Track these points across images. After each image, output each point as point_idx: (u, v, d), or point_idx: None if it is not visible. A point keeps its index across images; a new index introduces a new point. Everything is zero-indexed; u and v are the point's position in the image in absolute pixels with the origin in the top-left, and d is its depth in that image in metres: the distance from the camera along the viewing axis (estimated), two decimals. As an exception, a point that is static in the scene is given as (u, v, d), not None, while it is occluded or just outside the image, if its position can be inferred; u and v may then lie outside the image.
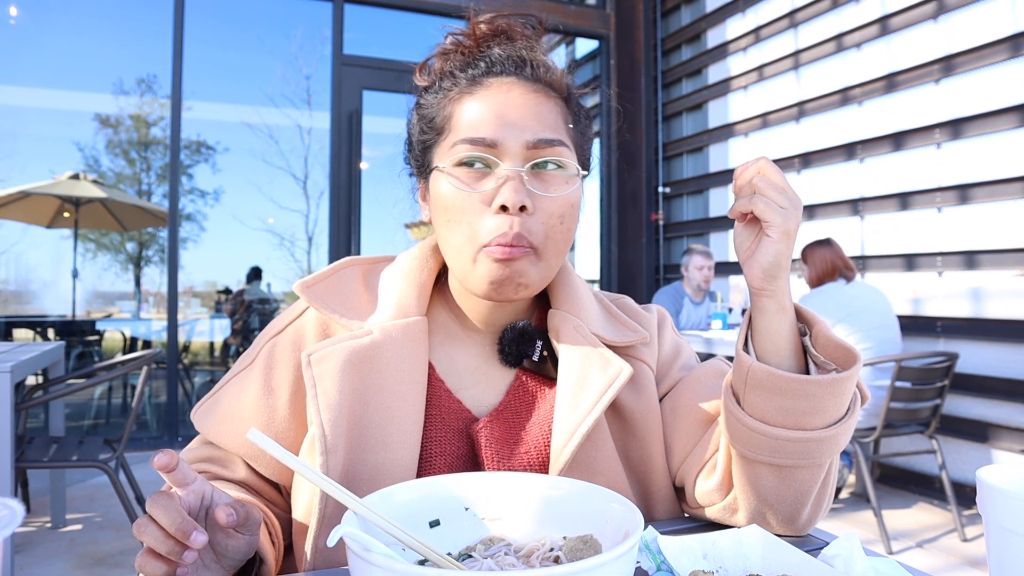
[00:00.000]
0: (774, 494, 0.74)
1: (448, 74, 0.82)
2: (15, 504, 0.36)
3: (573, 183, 0.79)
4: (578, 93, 0.86)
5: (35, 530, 3.04)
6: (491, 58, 0.81)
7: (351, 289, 0.86)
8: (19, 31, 5.13)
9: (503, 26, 0.84)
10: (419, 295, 0.84)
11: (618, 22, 5.81)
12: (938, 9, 3.61)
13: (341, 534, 0.49)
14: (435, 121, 0.82)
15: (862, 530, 3.14)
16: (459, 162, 0.77)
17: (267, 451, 0.54)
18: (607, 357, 0.82)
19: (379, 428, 0.76)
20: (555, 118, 0.80)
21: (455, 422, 0.82)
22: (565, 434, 0.77)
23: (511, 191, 0.74)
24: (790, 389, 0.69)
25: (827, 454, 0.72)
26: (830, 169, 4.29)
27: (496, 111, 0.77)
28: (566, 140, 0.80)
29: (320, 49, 5.32)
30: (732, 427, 0.74)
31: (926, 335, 3.63)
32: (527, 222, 0.75)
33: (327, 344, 0.78)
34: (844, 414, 0.71)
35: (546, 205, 0.77)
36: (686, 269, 4.48)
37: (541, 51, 0.84)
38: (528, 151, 0.76)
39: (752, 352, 0.74)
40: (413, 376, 0.79)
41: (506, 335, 0.85)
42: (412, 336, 0.81)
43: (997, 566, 0.55)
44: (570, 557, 0.57)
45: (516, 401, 0.85)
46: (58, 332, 5.70)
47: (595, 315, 0.87)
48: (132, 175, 6.14)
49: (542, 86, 0.80)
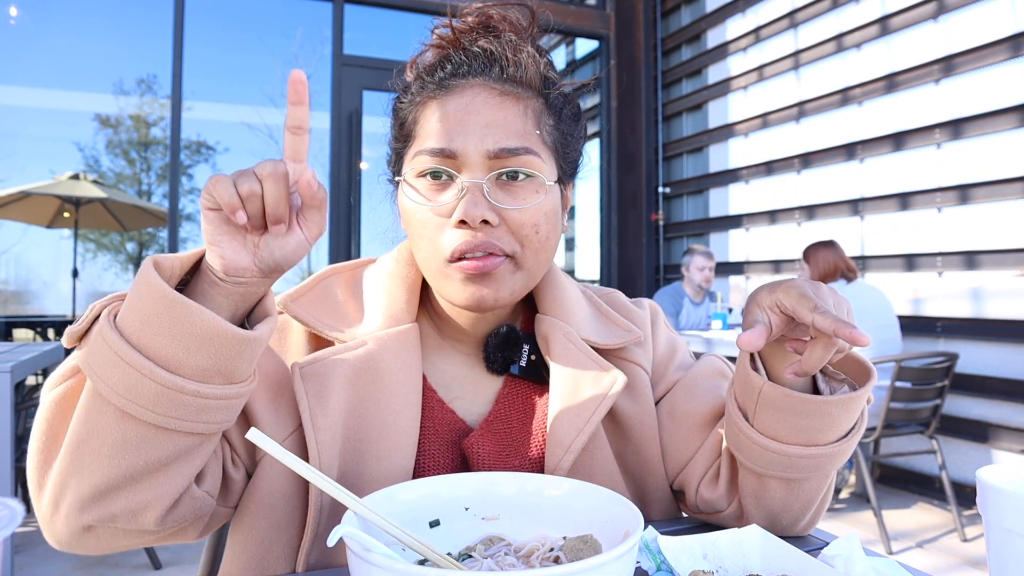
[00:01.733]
0: (781, 505, 0.74)
1: (419, 75, 0.78)
2: (15, 504, 0.36)
3: (545, 191, 0.74)
4: (562, 87, 0.79)
5: (35, 530, 3.04)
6: (459, 59, 0.76)
7: (337, 299, 0.81)
8: (19, 31, 5.13)
9: (491, 18, 0.78)
10: (409, 300, 0.81)
11: (618, 22, 5.81)
12: (938, 9, 3.61)
13: (341, 534, 0.49)
14: (404, 126, 0.78)
15: (862, 530, 3.14)
16: (420, 173, 0.74)
17: (267, 451, 0.53)
18: (600, 367, 0.79)
19: (374, 442, 0.73)
20: (523, 123, 0.74)
21: (448, 433, 0.79)
22: (560, 450, 0.75)
23: (470, 204, 0.70)
24: (806, 410, 0.66)
25: (837, 465, 0.71)
26: (830, 169, 4.29)
27: (457, 118, 0.72)
28: (535, 146, 0.74)
29: (320, 49, 5.33)
30: (741, 444, 0.71)
31: (926, 335, 3.63)
32: (494, 233, 0.72)
33: (319, 357, 0.74)
34: (855, 424, 0.70)
35: (514, 216, 0.72)
36: (687, 269, 4.48)
37: (530, 44, 0.78)
38: (490, 161, 0.72)
39: (761, 369, 0.70)
40: (408, 387, 0.76)
41: (490, 342, 0.82)
42: (406, 345, 0.77)
43: (997, 566, 0.55)
44: (570, 557, 0.57)
45: (507, 410, 0.82)
46: (58, 332, 5.70)
47: (585, 318, 0.84)
48: (132, 175, 6.14)
49: (511, 86, 0.75)
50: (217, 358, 0.56)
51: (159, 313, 0.55)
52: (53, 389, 0.62)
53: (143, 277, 0.55)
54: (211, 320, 0.55)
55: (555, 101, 0.79)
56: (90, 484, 0.58)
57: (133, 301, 0.56)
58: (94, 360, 0.56)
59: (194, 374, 0.56)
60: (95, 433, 0.57)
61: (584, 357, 0.79)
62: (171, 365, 0.55)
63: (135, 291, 0.56)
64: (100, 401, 0.57)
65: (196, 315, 0.55)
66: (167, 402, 0.56)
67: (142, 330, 0.55)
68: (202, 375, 0.57)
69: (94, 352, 0.56)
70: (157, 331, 0.55)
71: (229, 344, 0.56)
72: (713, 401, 0.82)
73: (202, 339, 0.55)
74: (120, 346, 0.55)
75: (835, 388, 0.71)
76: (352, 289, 0.83)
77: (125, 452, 0.57)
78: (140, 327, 0.55)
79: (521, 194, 0.73)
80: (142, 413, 0.56)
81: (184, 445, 0.59)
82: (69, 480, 0.59)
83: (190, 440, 0.60)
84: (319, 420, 0.71)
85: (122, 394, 0.55)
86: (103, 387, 0.56)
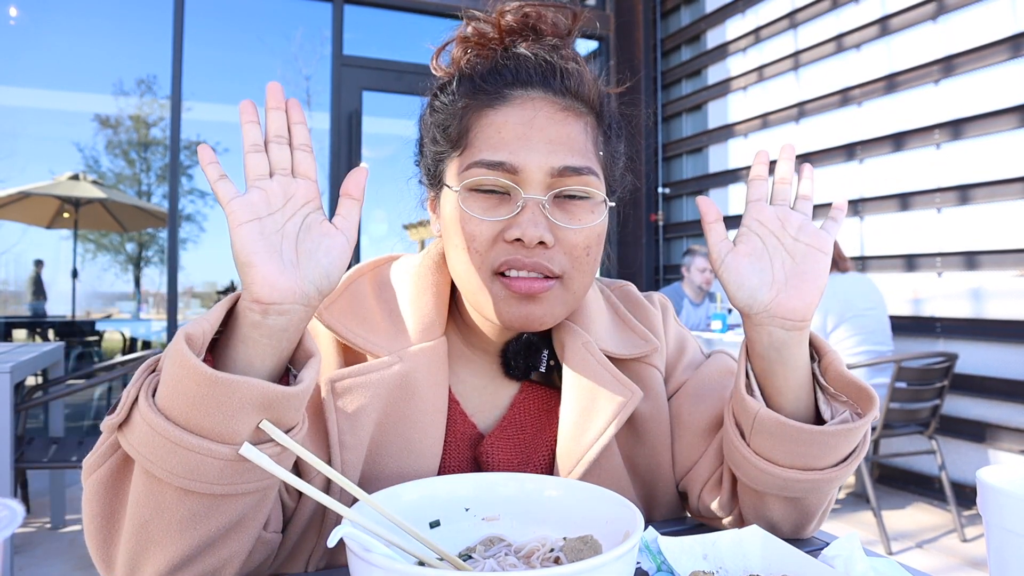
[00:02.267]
0: (781, 517, 0.73)
1: (467, 77, 0.74)
2: (15, 504, 0.36)
3: (600, 212, 0.72)
4: (610, 101, 0.78)
5: (35, 531, 3.04)
6: (516, 66, 0.72)
7: (366, 306, 0.78)
8: (19, 31, 5.13)
9: (531, 18, 0.75)
10: (439, 311, 0.78)
11: (618, 23, 5.81)
12: (938, 10, 3.61)
13: (341, 534, 0.49)
14: (450, 131, 0.74)
15: (862, 530, 3.14)
16: (475, 186, 0.70)
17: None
18: (618, 380, 0.77)
19: (395, 459, 0.72)
20: (584, 141, 0.72)
21: (467, 448, 0.79)
22: (571, 461, 0.74)
23: (530, 224, 0.67)
24: (802, 438, 0.65)
25: (837, 485, 0.70)
26: (830, 169, 4.28)
27: (518, 132, 0.69)
28: (595, 166, 0.72)
29: (320, 49, 5.33)
30: (738, 462, 0.71)
31: (926, 335, 3.63)
32: (547, 254, 0.69)
33: (352, 373, 0.72)
34: (854, 449, 0.68)
35: (569, 237, 0.70)
36: (687, 270, 4.48)
37: (572, 50, 0.75)
38: (552, 179, 0.69)
39: (756, 391, 0.69)
40: (436, 404, 0.75)
41: (511, 348, 0.81)
42: (436, 360, 0.75)
43: (997, 566, 0.55)
44: (570, 557, 0.57)
45: (521, 416, 0.82)
46: (58, 332, 5.70)
47: (604, 326, 0.83)
48: (132, 176, 6.14)
49: (572, 101, 0.72)
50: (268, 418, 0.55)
51: (204, 395, 0.52)
52: (96, 471, 0.59)
53: (179, 358, 0.52)
54: (257, 388, 0.53)
55: (607, 118, 0.77)
56: (165, 559, 0.56)
57: (173, 384, 0.53)
58: (145, 448, 0.53)
59: (249, 438, 0.54)
60: (159, 512, 0.55)
61: (602, 370, 0.78)
62: (227, 438, 0.53)
63: (172, 372, 0.53)
64: (157, 483, 0.54)
65: (242, 388, 0.52)
66: (231, 473, 0.54)
67: (190, 412, 0.52)
68: (257, 436, 0.55)
69: (143, 441, 0.53)
70: (206, 411, 0.52)
71: (279, 403, 0.54)
72: (719, 405, 0.81)
73: (252, 407, 0.53)
74: (172, 432, 0.52)
75: (837, 410, 0.69)
76: (379, 291, 0.80)
77: (196, 524, 0.56)
78: (187, 409, 0.52)
79: (578, 213, 0.71)
80: (207, 488, 0.54)
81: (251, 501, 0.58)
82: (141, 557, 0.57)
83: (256, 495, 0.58)
84: (347, 438, 0.70)
85: (183, 475, 0.53)
86: (159, 471, 0.53)
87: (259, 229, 0.55)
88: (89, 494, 0.59)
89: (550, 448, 0.81)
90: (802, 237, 0.67)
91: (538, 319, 0.72)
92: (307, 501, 0.71)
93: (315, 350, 0.60)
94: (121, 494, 0.58)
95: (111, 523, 0.59)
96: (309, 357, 0.59)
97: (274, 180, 0.57)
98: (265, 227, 0.55)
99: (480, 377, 0.83)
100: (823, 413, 0.70)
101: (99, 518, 0.59)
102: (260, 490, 0.58)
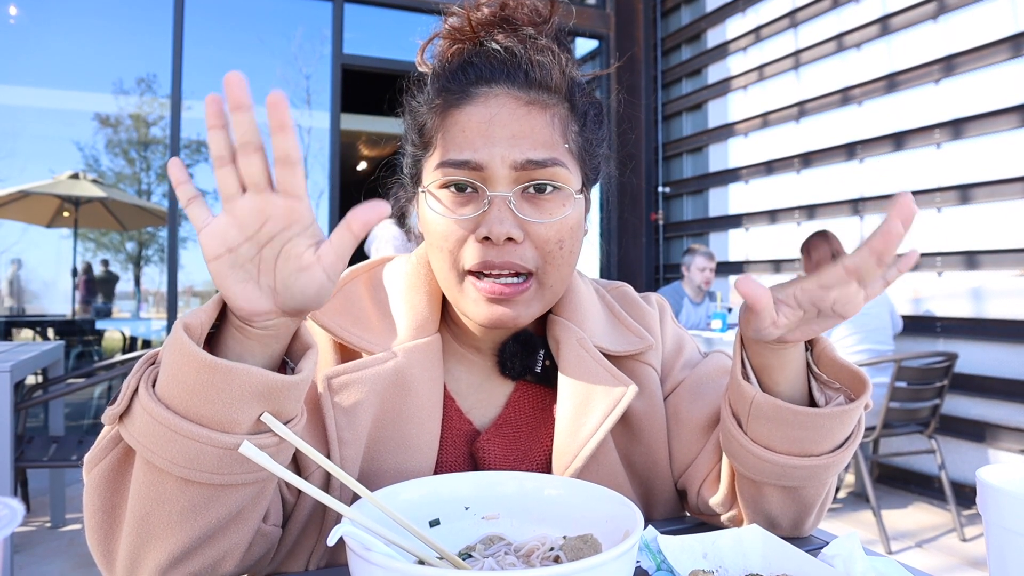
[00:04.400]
0: (779, 510, 0.73)
1: (438, 76, 0.75)
2: (15, 504, 0.36)
3: (571, 204, 0.72)
4: (585, 88, 0.77)
5: (35, 530, 3.04)
6: (480, 63, 0.73)
7: (361, 306, 0.79)
8: (19, 31, 5.12)
9: (508, 8, 0.75)
10: (431, 309, 0.79)
11: (618, 22, 5.81)
12: (938, 9, 3.61)
13: (341, 533, 0.49)
14: (424, 131, 0.76)
15: (862, 530, 3.14)
16: (442, 184, 0.71)
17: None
18: (612, 376, 0.78)
19: (393, 456, 0.73)
20: (550, 132, 0.71)
21: (463, 444, 0.80)
22: (567, 458, 0.75)
23: (496, 221, 0.68)
24: (798, 421, 0.66)
25: (833, 473, 0.70)
26: (830, 169, 4.29)
27: (481, 129, 0.70)
28: (562, 157, 0.72)
29: (320, 49, 5.32)
30: (735, 450, 0.71)
31: (926, 335, 3.63)
32: (517, 251, 0.70)
33: (348, 369, 0.73)
34: (850, 435, 0.69)
35: (539, 231, 0.70)
36: (687, 269, 4.48)
37: (548, 40, 0.75)
38: (516, 172, 0.69)
39: (753, 379, 0.69)
40: (431, 400, 0.76)
41: (507, 348, 0.81)
42: (430, 357, 0.76)
43: (997, 566, 0.55)
44: (570, 557, 0.57)
45: (517, 414, 0.82)
46: (58, 332, 5.70)
47: (599, 323, 0.83)
48: (132, 175, 6.13)
49: (537, 92, 0.72)
50: (268, 409, 0.55)
51: (203, 381, 0.52)
52: (97, 465, 0.59)
53: (177, 346, 0.52)
54: (256, 376, 0.53)
55: (580, 106, 0.76)
56: (166, 551, 0.57)
57: (173, 371, 0.53)
58: (146, 438, 0.54)
59: (249, 429, 0.54)
60: (160, 504, 0.56)
61: (596, 366, 0.78)
62: (226, 426, 0.53)
63: (172, 360, 0.53)
64: (158, 473, 0.55)
65: (241, 375, 0.52)
66: (230, 462, 0.54)
67: (189, 400, 0.53)
68: (256, 427, 0.55)
69: (144, 431, 0.54)
70: (205, 399, 0.52)
71: (278, 392, 0.54)
72: (716, 402, 0.81)
73: (251, 396, 0.53)
74: (172, 420, 0.52)
75: (830, 397, 0.69)
76: (373, 292, 0.81)
77: (195, 515, 0.56)
78: (187, 398, 0.53)
79: (548, 207, 0.71)
80: (207, 478, 0.54)
81: (250, 493, 0.59)
82: (142, 551, 0.58)
83: (255, 487, 0.59)
84: (345, 434, 0.70)
85: (183, 464, 0.53)
86: (160, 461, 0.54)
87: (230, 262, 0.51)
88: (90, 488, 0.60)
89: (546, 445, 0.81)
90: (838, 308, 0.60)
91: (511, 319, 0.72)
92: (307, 497, 0.71)
93: (312, 342, 0.60)
94: (122, 488, 0.59)
95: (112, 517, 0.60)
96: (307, 349, 0.59)
97: (247, 198, 0.50)
98: (238, 258, 0.51)
99: (475, 375, 0.83)
100: (817, 400, 0.70)
101: (100, 512, 0.60)
102: (259, 481, 0.58)
